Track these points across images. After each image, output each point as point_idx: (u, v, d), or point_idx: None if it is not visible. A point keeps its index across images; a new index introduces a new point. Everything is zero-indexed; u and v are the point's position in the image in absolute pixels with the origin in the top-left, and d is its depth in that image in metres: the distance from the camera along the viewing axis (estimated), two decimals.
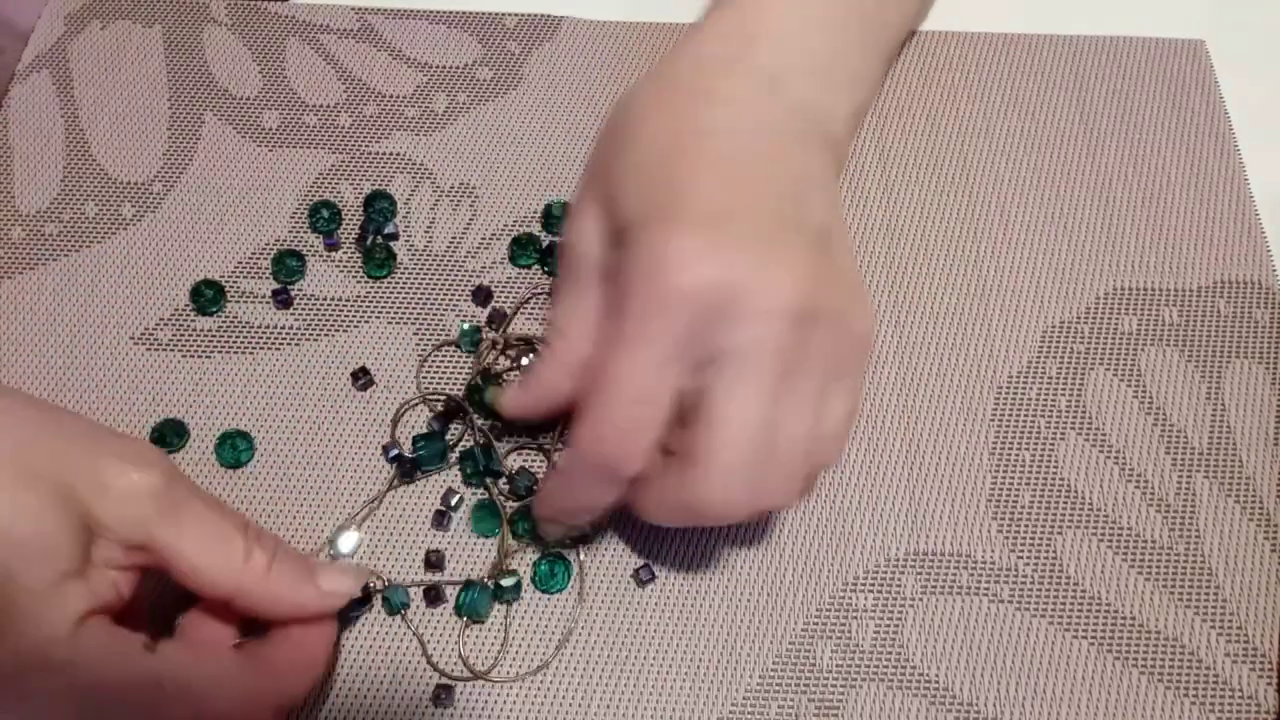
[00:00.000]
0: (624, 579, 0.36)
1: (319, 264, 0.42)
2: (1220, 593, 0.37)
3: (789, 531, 0.37)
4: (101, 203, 0.43)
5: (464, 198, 0.44)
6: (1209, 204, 0.44)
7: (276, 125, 0.45)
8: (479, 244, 0.43)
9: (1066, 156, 0.45)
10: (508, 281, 0.42)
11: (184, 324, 0.41)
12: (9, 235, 0.42)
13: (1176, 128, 0.46)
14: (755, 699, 0.35)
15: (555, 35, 0.48)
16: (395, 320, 0.41)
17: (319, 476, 0.38)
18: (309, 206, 0.43)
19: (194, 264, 0.42)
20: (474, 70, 0.47)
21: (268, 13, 0.48)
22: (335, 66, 0.47)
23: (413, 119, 0.45)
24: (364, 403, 0.39)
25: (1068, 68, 0.47)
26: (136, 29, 0.47)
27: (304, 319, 0.41)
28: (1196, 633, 0.36)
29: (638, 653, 0.35)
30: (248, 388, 0.39)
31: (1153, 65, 0.47)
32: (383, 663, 0.35)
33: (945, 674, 0.35)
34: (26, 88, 0.45)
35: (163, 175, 0.44)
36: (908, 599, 0.36)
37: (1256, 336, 0.41)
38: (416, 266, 0.42)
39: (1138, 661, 0.35)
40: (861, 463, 0.38)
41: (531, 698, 0.35)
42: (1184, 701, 0.35)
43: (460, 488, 0.37)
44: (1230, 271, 0.42)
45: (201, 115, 0.45)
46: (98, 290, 0.41)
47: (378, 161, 0.44)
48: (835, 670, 0.35)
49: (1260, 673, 0.35)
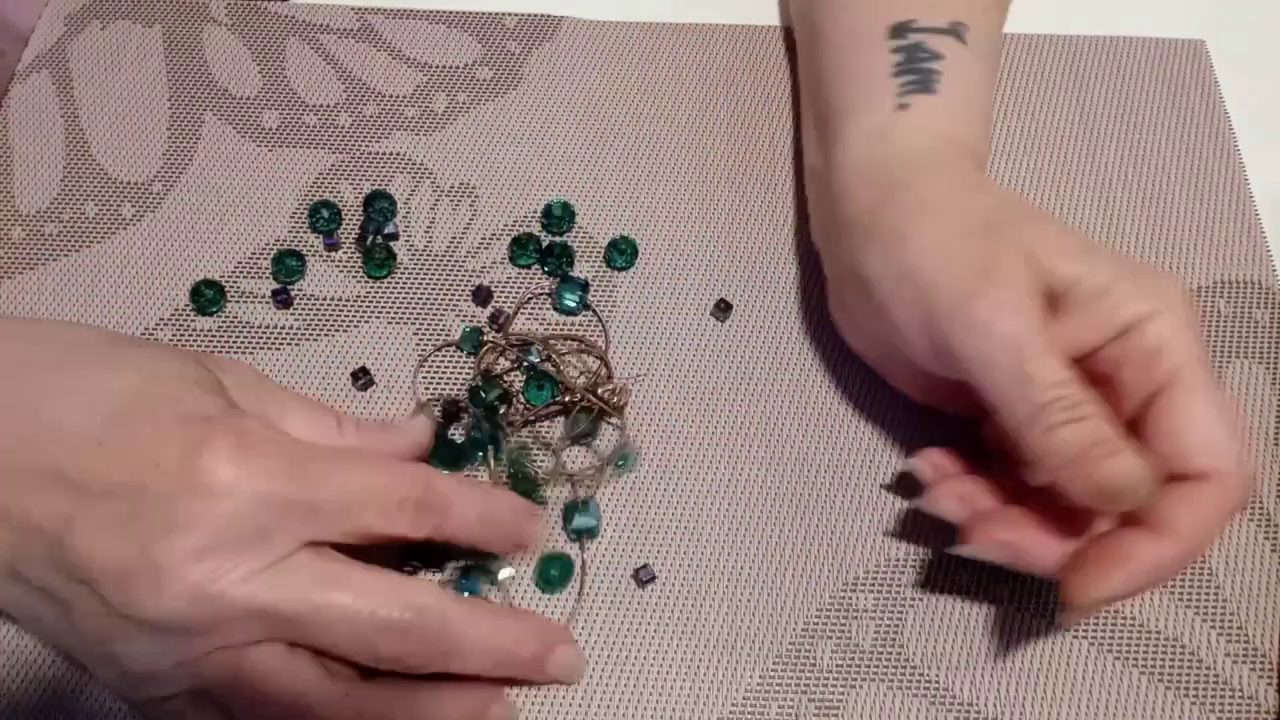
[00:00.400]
0: (624, 579, 0.36)
1: (319, 264, 0.42)
2: (1220, 593, 0.37)
3: (789, 531, 0.37)
4: (101, 203, 0.43)
5: (464, 198, 0.44)
6: (1209, 204, 0.44)
7: (276, 125, 0.45)
8: (479, 244, 0.43)
9: (1066, 156, 0.45)
10: (508, 281, 0.42)
11: (184, 324, 0.41)
12: (9, 235, 0.42)
13: (1176, 128, 0.46)
14: (755, 699, 0.35)
15: (555, 35, 0.48)
16: (395, 320, 0.41)
17: None
18: (309, 206, 0.43)
19: (194, 264, 0.42)
20: (474, 70, 0.47)
21: (268, 13, 0.48)
22: (335, 66, 0.47)
23: (413, 119, 0.45)
24: (364, 403, 0.39)
25: (1068, 68, 0.47)
26: (136, 29, 0.47)
27: (304, 319, 0.41)
28: (1196, 633, 0.36)
29: (638, 653, 0.35)
30: None
31: (1153, 65, 0.47)
32: None
33: (945, 674, 0.35)
34: (26, 88, 0.45)
35: (163, 175, 0.44)
36: (908, 599, 0.36)
37: (1256, 336, 0.41)
38: (416, 266, 0.42)
39: (1138, 661, 0.35)
40: (862, 462, 0.38)
41: (532, 697, 0.35)
42: (1184, 701, 0.35)
43: None
44: (1230, 271, 0.42)
45: (201, 115, 0.45)
46: (98, 290, 0.41)
47: (378, 161, 0.44)
48: (835, 670, 0.35)
49: (1260, 673, 0.35)
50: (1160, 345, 0.31)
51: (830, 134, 0.39)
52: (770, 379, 0.40)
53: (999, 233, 0.32)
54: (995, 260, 0.31)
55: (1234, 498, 0.30)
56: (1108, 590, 0.30)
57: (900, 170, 0.35)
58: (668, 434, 0.39)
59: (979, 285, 0.31)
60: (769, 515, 0.37)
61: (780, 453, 0.39)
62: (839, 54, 0.40)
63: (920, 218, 0.33)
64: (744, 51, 0.48)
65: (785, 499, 0.38)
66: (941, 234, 0.33)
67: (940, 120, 0.36)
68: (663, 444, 0.39)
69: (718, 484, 0.38)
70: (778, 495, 0.38)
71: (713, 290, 0.42)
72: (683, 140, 0.45)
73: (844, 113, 0.38)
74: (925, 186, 0.34)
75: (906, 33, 0.38)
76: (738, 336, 0.41)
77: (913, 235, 0.33)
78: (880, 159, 0.36)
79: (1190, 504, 0.30)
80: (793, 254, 0.42)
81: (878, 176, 0.35)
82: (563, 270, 0.41)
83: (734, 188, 0.44)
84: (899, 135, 0.36)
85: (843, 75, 0.39)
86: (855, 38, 0.39)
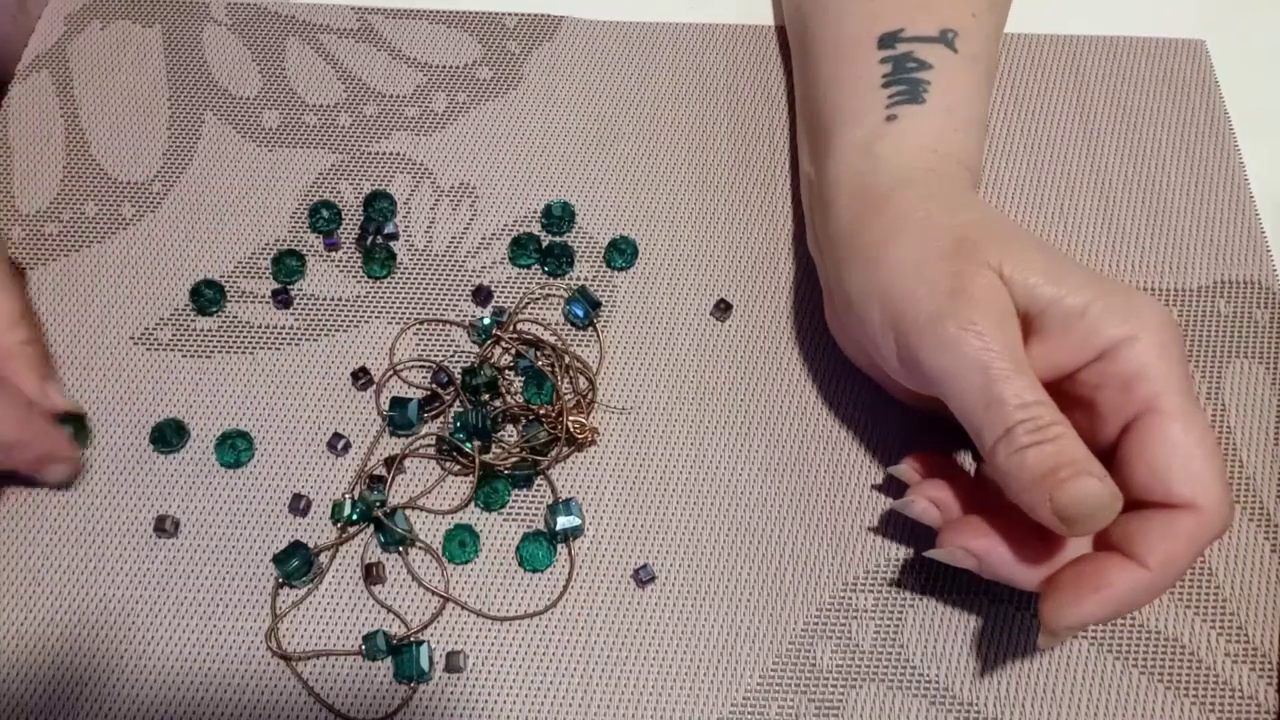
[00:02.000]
0: (624, 579, 0.36)
1: (319, 264, 0.42)
2: (1220, 593, 0.37)
3: (789, 531, 0.37)
4: (101, 203, 0.43)
5: (464, 198, 0.44)
6: (1209, 204, 0.44)
7: (276, 125, 0.45)
8: (479, 244, 0.43)
9: (1066, 156, 0.45)
10: (508, 281, 0.42)
11: (184, 324, 0.41)
12: (9, 235, 0.42)
13: (1176, 128, 0.46)
14: (755, 699, 0.35)
15: (555, 35, 0.48)
16: (395, 320, 0.41)
17: (319, 476, 0.38)
18: (309, 206, 0.43)
19: (194, 264, 0.42)
20: (474, 70, 0.47)
21: (268, 12, 0.48)
22: (335, 66, 0.47)
23: (413, 119, 0.45)
24: (364, 403, 0.39)
25: (1068, 68, 0.47)
26: (136, 29, 0.47)
27: (304, 319, 0.41)
28: (1196, 633, 0.36)
29: (638, 653, 0.35)
30: (248, 388, 0.39)
31: (1153, 65, 0.47)
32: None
33: (945, 674, 0.35)
34: (26, 88, 0.45)
35: (163, 175, 0.44)
36: (908, 599, 0.36)
37: (1256, 336, 0.41)
38: (416, 266, 0.42)
39: (1138, 661, 0.35)
40: (862, 462, 0.38)
41: (532, 697, 0.35)
42: (1184, 701, 0.35)
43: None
44: (1230, 271, 0.42)
45: (201, 115, 0.45)
46: (97, 290, 0.41)
47: (378, 161, 0.44)
48: (835, 670, 0.35)
49: (1260, 673, 0.35)
50: (1138, 370, 0.30)
51: (821, 145, 0.39)
52: (770, 379, 0.40)
53: (972, 252, 0.32)
54: (967, 280, 0.31)
55: (1211, 529, 0.30)
56: (1082, 616, 0.30)
57: (883, 185, 0.35)
58: (668, 434, 0.39)
59: (949, 305, 0.31)
60: (769, 515, 0.37)
61: (780, 453, 0.39)
62: (829, 64, 0.40)
63: (895, 238, 0.33)
64: (744, 51, 0.48)
65: (785, 499, 0.38)
66: (914, 253, 0.32)
67: (928, 131, 0.36)
68: (663, 444, 0.39)
69: (717, 484, 0.38)
70: (778, 495, 0.38)
71: (713, 290, 0.42)
72: (683, 140, 0.45)
73: (833, 124, 0.38)
74: (903, 203, 0.34)
75: (895, 42, 0.37)
76: (738, 336, 0.41)
77: (886, 255, 0.33)
78: (865, 173, 0.36)
79: (1167, 534, 0.30)
80: (793, 254, 0.42)
81: (862, 192, 0.35)
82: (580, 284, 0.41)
83: (734, 188, 0.44)
84: (884, 148, 0.36)
85: (832, 86, 0.39)
86: (844, 48, 0.39)
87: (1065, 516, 0.29)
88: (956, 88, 0.37)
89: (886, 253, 0.33)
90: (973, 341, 0.30)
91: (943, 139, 0.36)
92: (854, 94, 0.38)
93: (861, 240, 0.34)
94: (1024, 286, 0.31)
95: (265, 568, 0.36)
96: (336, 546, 0.37)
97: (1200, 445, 0.30)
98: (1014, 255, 0.32)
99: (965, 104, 0.37)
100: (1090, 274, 0.32)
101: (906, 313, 0.32)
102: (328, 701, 0.34)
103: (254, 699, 0.34)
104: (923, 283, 0.32)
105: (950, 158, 0.36)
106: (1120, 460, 0.31)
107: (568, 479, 0.38)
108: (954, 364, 0.30)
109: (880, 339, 0.33)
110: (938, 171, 0.35)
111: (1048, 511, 0.29)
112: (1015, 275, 0.31)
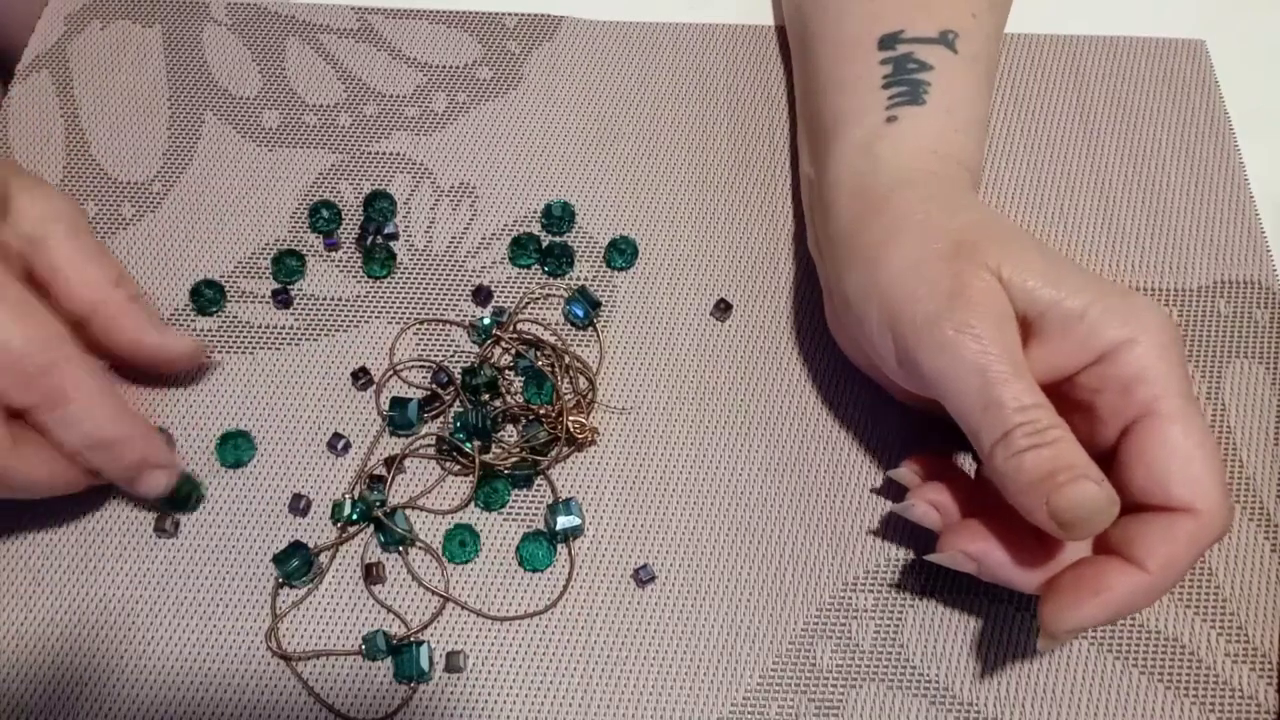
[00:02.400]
0: (624, 579, 0.36)
1: (319, 264, 0.42)
2: (1220, 593, 0.37)
3: (789, 531, 0.37)
4: (101, 203, 0.43)
5: (464, 198, 0.44)
6: (1209, 204, 0.44)
7: (276, 125, 0.45)
8: (479, 244, 0.43)
9: (1066, 156, 0.45)
10: (508, 281, 0.42)
11: (184, 324, 0.41)
12: None
13: (1176, 128, 0.46)
14: (755, 699, 0.35)
15: (555, 35, 0.48)
16: (395, 320, 0.41)
17: (319, 476, 0.38)
18: (309, 206, 0.43)
19: (194, 264, 0.42)
20: (474, 70, 0.47)
21: (268, 12, 0.48)
22: (335, 66, 0.47)
23: (413, 119, 0.45)
24: (364, 403, 0.39)
25: (1068, 67, 0.47)
26: (136, 29, 0.47)
27: (304, 319, 0.41)
28: (1196, 633, 0.36)
29: (638, 653, 0.35)
30: (248, 388, 0.39)
31: (1153, 65, 0.47)
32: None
33: (945, 674, 0.35)
34: (26, 88, 0.45)
35: (163, 175, 0.44)
36: (908, 599, 0.36)
37: (1256, 336, 0.41)
38: (416, 266, 0.42)
39: (1138, 661, 0.35)
40: (862, 462, 0.38)
41: (532, 697, 0.35)
42: (1184, 701, 0.35)
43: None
44: (1230, 271, 0.42)
45: (201, 115, 0.45)
46: None
47: (378, 161, 0.44)
48: (835, 670, 0.35)
49: (1260, 673, 0.35)
50: (1137, 373, 0.30)
51: (821, 146, 0.39)
52: (770, 379, 0.40)
53: (971, 254, 0.32)
54: (964, 282, 0.31)
55: (1210, 532, 0.30)
56: (1082, 619, 0.30)
57: (883, 186, 0.35)
58: (668, 434, 0.39)
59: (947, 307, 0.31)
60: (769, 515, 0.37)
61: (780, 453, 0.39)
62: (829, 64, 0.40)
63: (895, 239, 0.33)
64: (744, 51, 0.48)
65: (785, 499, 0.38)
66: (912, 255, 0.32)
67: (928, 132, 0.36)
68: (663, 444, 0.39)
69: (717, 484, 0.38)
70: (778, 495, 0.38)
71: (713, 290, 0.42)
72: (683, 140, 0.45)
73: (833, 125, 0.38)
74: (903, 204, 0.34)
75: (895, 43, 0.37)
76: (738, 336, 0.41)
77: (885, 256, 0.33)
78: (865, 174, 0.36)
79: (1166, 538, 0.30)
80: (793, 254, 0.42)
81: (862, 193, 0.35)
82: (580, 284, 0.41)
83: (734, 188, 0.44)
84: (884, 149, 0.36)
85: (832, 86, 0.39)
86: (845, 48, 0.39)
87: (1062, 520, 0.29)
88: (957, 89, 0.37)
89: (886, 253, 0.33)
90: (971, 344, 0.30)
91: (943, 140, 0.36)
92: (854, 95, 0.38)
93: (861, 241, 0.34)
94: (1023, 289, 0.31)
95: (265, 568, 0.36)
96: (336, 546, 0.37)
97: (1200, 448, 0.30)
98: (1013, 257, 0.32)
99: (965, 105, 0.37)
100: (1090, 276, 0.32)
101: (905, 314, 0.32)
102: (328, 701, 0.34)
103: (254, 699, 0.34)
104: (922, 284, 0.32)
105: (950, 159, 0.36)
106: (1119, 463, 0.31)
107: (568, 479, 0.38)
108: (952, 366, 0.30)
109: (879, 340, 0.33)
110: (938, 172, 0.35)
111: (1045, 515, 0.29)
112: (1014, 277, 0.31)
